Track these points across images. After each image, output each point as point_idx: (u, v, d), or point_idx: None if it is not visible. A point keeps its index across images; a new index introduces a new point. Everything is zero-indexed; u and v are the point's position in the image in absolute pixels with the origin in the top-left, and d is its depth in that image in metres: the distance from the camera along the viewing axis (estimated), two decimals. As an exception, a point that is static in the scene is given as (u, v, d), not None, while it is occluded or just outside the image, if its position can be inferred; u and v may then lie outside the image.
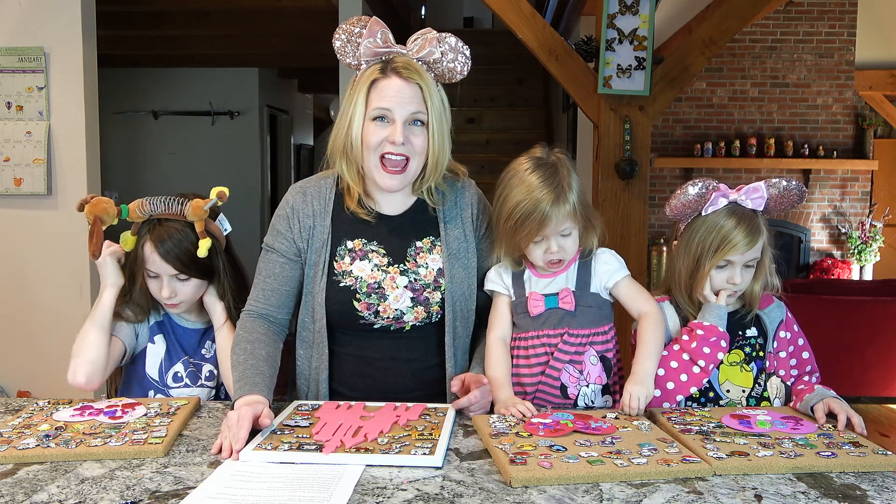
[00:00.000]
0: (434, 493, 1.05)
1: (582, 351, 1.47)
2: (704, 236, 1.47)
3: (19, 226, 3.58)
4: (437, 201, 1.56)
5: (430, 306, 1.52)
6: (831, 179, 6.20)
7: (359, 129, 1.46)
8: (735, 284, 1.48)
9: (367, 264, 1.51)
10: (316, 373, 1.54)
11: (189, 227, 1.56)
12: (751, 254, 1.47)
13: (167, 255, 1.53)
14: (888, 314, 4.42)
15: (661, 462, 1.12)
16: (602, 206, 3.39)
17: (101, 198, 1.55)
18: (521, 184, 1.44)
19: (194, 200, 1.55)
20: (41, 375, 3.56)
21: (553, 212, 1.42)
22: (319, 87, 8.64)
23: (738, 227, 1.46)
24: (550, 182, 1.43)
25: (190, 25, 5.27)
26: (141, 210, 1.55)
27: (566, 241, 1.47)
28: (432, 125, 1.47)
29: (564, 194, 1.43)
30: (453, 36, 1.50)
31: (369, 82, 1.45)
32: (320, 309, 1.51)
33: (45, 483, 1.09)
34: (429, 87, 1.46)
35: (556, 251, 1.46)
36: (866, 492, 1.06)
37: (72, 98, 3.53)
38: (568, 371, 1.47)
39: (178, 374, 1.62)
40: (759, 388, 1.49)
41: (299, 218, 1.54)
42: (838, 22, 6.10)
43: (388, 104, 1.44)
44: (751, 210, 1.49)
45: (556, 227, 1.44)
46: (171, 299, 1.57)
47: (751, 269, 1.49)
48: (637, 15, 3.23)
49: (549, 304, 1.49)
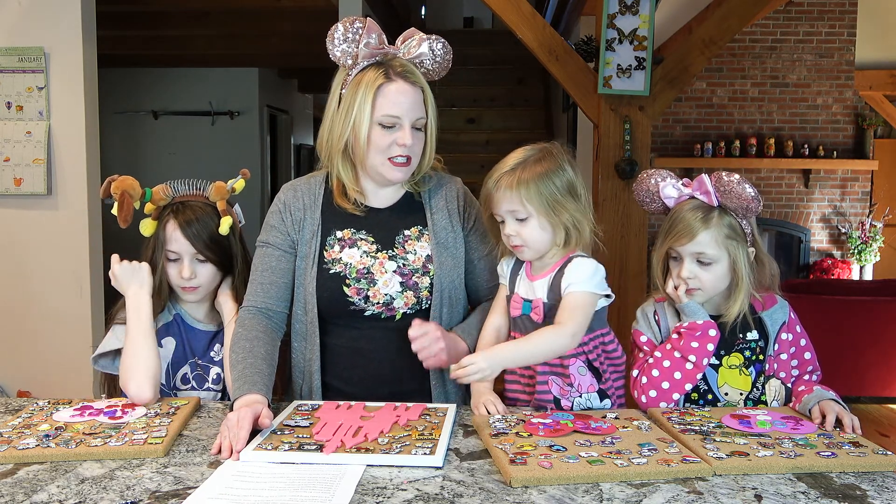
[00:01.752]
0: (434, 493, 1.05)
1: (566, 364, 1.45)
2: (664, 224, 1.49)
3: (19, 226, 3.58)
4: (420, 185, 1.61)
5: (420, 291, 1.54)
6: (831, 179, 6.20)
7: (365, 133, 1.49)
8: (684, 280, 1.45)
9: (356, 251, 1.55)
10: (309, 364, 1.56)
11: (212, 208, 1.61)
12: (692, 247, 1.43)
13: (190, 233, 1.57)
14: (888, 314, 4.42)
15: (661, 462, 1.13)
16: (602, 206, 3.39)
17: (127, 176, 1.59)
18: (504, 159, 1.47)
19: (216, 182, 1.61)
20: (41, 375, 3.55)
21: (499, 188, 1.42)
22: (319, 87, 8.64)
23: (684, 217, 1.44)
24: (519, 162, 1.43)
25: (190, 25, 5.27)
26: (164, 192, 1.61)
27: (523, 227, 1.43)
28: (430, 127, 1.54)
29: (522, 176, 1.41)
30: (437, 36, 1.56)
31: (375, 87, 1.47)
32: (311, 298, 1.53)
33: (45, 483, 1.09)
34: (426, 90, 1.52)
35: (511, 235, 1.44)
36: (866, 492, 1.06)
37: (72, 98, 3.53)
38: (557, 383, 1.45)
39: (186, 375, 1.62)
40: (756, 391, 1.48)
41: (291, 212, 1.58)
42: (838, 22, 6.10)
43: (398, 112, 1.48)
44: (711, 206, 1.44)
45: (505, 206, 1.43)
46: (191, 281, 1.58)
47: (708, 268, 1.44)
48: (637, 15, 3.23)
49: (524, 310, 1.48)
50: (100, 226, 3.66)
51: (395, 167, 1.51)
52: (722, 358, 1.49)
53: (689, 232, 1.43)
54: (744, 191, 1.40)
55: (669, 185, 1.49)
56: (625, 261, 3.37)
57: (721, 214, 1.44)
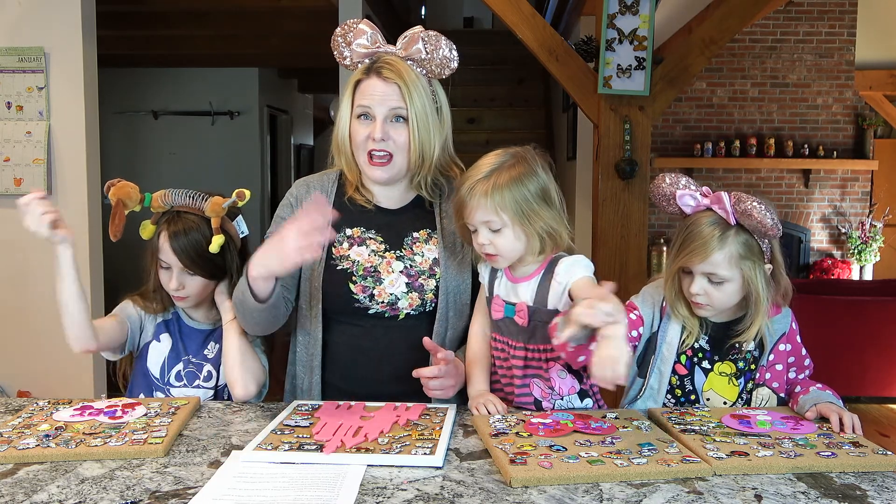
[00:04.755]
0: (434, 493, 1.05)
1: (546, 367, 1.44)
2: (678, 233, 1.44)
3: (19, 226, 3.55)
4: (434, 195, 1.62)
5: (425, 293, 1.54)
6: (831, 179, 6.20)
7: (346, 128, 1.55)
8: (693, 294, 1.41)
9: (364, 249, 1.56)
10: (311, 359, 1.57)
11: (205, 222, 1.58)
12: (704, 266, 1.38)
13: (178, 247, 1.56)
14: (888, 314, 4.42)
15: (661, 462, 1.13)
16: (602, 205, 3.39)
17: (127, 182, 1.58)
18: (476, 164, 1.43)
19: (214, 197, 1.58)
20: (41, 375, 3.55)
21: (472, 197, 1.38)
22: (319, 87, 8.64)
23: (700, 233, 1.39)
24: (493, 169, 1.39)
25: (190, 25, 5.27)
26: (163, 200, 1.59)
27: (497, 237, 1.39)
28: (413, 121, 1.51)
29: (497, 182, 1.37)
30: (437, 33, 1.56)
31: (354, 83, 1.55)
32: (317, 293, 1.55)
33: (45, 483, 1.09)
34: (408, 85, 1.50)
35: (484, 244, 1.41)
36: (866, 492, 1.06)
37: (72, 98, 3.53)
38: (538, 386, 1.45)
39: (179, 372, 1.63)
40: (741, 402, 1.47)
41: (302, 205, 1.58)
42: (838, 22, 6.11)
43: (368, 102, 1.51)
44: (731, 225, 1.39)
45: (479, 216, 1.39)
46: (179, 292, 1.59)
47: (719, 287, 1.39)
48: (637, 15, 3.23)
49: (507, 313, 1.46)
50: (100, 226, 3.66)
51: (373, 166, 1.52)
52: (714, 364, 1.47)
53: (703, 252, 1.38)
54: (763, 218, 1.34)
55: (687, 195, 1.43)
56: (625, 261, 3.37)
57: (739, 232, 1.39)
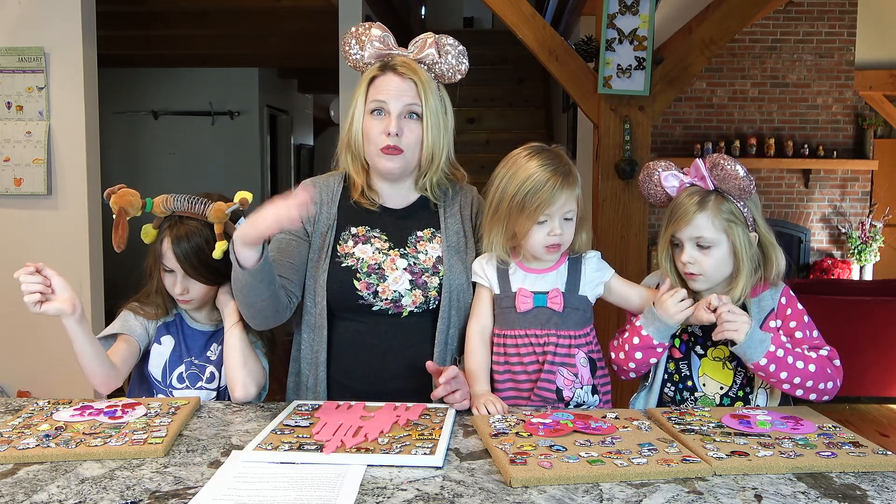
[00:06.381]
0: (434, 493, 1.05)
1: (572, 353, 1.48)
2: (665, 213, 1.53)
3: (19, 226, 3.58)
4: (438, 197, 1.64)
5: (428, 291, 1.56)
6: (831, 179, 6.20)
7: (359, 123, 1.57)
8: (687, 264, 1.47)
9: (368, 247, 1.58)
10: (316, 356, 1.58)
11: (208, 228, 1.57)
12: (690, 231, 1.46)
13: (180, 253, 1.56)
14: (888, 314, 4.42)
15: (661, 462, 1.13)
16: (602, 206, 3.39)
17: (128, 189, 1.56)
18: (527, 165, 1.46)
19: (217, 203, 1.56)
20: (41, 375, 3.55)
21: (561, 189, 1.44)
22: (319, 87, 8.64)
23: (682, 202, 1.48)
24: (558, 163, 1.47)
25: (190, 25, 5.27)
26: (165, 206, 1.57)
27: (567, 226, 1.48)
28: (427, 119, 1.55)
29: (573, 175, 1.47)
30: (451, 38, 1.60)
31: (369, 79, 1.57)
32: (321, 290, 1.56)
33: (45, 483, 1.09)
34: (423, 83, 1.55)
35: (560, 233, 1.46)
36: (866, 492, 1.06)
37: (72, 98, 3.53)
38: (563, 374, 1.47)
39: (181, 374, 1.63)
40: (736, 386, 1.48)
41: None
42: (838, 22, 6.11)
43: (384, 97, 1.54)
44: (708, 190, 1.47)
45: (563, 207, 1.45)
46: (183, 296, 1.60)
47: (707, 252, 1.46)
48: (637, 15, 3.23)
49: (537, 303, 1.49)
50: (100, 226, 3.66)
51: (385, 157, 1.55)
52: (707, 349, 1.50)
53: (686, 215, 1.46)
54: (733, 168, 1.42)
55: (671, 176, 1.52)
56: (625, 261, 3.37)
57: (719, 198, 1.46)
